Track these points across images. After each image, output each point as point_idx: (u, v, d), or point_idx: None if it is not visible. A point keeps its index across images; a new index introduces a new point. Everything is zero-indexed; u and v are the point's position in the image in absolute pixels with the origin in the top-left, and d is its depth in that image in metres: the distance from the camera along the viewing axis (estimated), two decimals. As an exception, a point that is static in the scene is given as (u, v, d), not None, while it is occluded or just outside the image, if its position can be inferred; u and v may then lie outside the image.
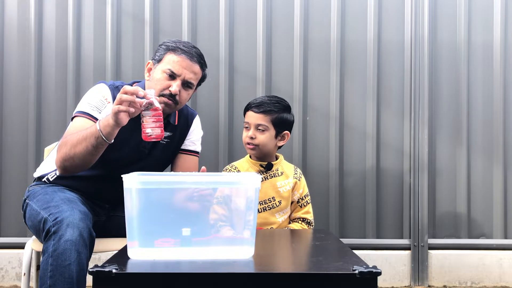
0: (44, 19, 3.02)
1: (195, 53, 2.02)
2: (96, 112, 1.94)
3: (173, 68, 1.97)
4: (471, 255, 3.06)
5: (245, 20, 3.06)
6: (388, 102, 3.09)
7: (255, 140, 2.15)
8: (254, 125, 2.16)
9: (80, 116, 1.94)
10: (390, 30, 3.09)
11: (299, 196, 2.25)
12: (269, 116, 2.15)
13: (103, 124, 1.75)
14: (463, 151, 3.10)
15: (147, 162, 2.04)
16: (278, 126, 2.18)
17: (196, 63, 2.01)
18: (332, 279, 1.19)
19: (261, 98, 2.22)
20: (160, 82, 1.97)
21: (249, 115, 2.18)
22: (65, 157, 1.83)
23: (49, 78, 3.01)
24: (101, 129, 1.74)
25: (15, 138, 2.99)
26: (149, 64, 2.07)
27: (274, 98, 2.22)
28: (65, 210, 1.69)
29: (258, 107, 2.16)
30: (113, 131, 1.75)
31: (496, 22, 3.11)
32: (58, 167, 1.88)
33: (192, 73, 2.01)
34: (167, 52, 2.00)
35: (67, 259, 1.58)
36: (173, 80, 1.97)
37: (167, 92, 1.96)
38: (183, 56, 1.98)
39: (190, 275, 1.20)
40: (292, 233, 2.03)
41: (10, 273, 2.95)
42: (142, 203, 1.32)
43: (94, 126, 1.77)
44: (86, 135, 1.78)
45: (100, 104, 1.96)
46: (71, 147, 1.80)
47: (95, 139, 1.76)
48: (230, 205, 1.37)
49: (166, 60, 1.99)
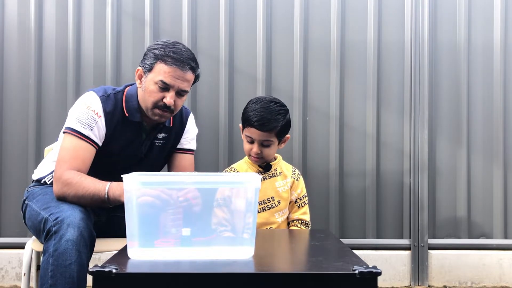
0: (44, 19, 3.02)
1: (186, 58, 1.92)
2: (88, 130, 1.89)
3: (165, 80, 1.90)
4: (471, 255, 3.06)
5: (245, 20, 3.06)
6: (388, 102, 3.09)
7: (261, 153, 2.14)
8: (259, 141, 2.12)
9: (71, 134, 1.90)
10: (390, 30, 3.09)
11: (297, 196, 2.25)
12: (274, 131, 2.11)
13: (114, 197, 1.77)
14: (463, 151, 3.10)
15: (143, 165, 2.02)
16: (281, 135, 2.16)
17: (188, 70, 1.92)
18: (332, 279, 1.18)
19: (260, 113, 2.08)
20: (153, 94, 1.92)
21: (252, 131, 2.11)
22: (66, 197, 1.82)
23: (49, 78, 3.01)
24: (110, 199, 1.77)
25: (15, 138, 2.99)
26: (139, 71, 1.98)
27: (274, 108, 2.12)
28: (66, 210, 1.69)
29: (261, 126, 2.08)
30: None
31: (496, 22, 3.11)
32: (56, 196, 1.86)
33: (185, 82, 1.94)
34: (156, 61, 1.91)
35: (68, 258, 1.58)
36: (166, 92, 1.91)
37: (161, 103, 1.92)
38: (174, 66, 1.89)
39: (190, 275, 1.20)
40: (292, 233, 2.03)
41: (10, 273, 2.95)
42: (142, 203, 1.32)
43: (104, 190, 1.77)
44: (93, 194, 1.78)
45: (91, 120, 1.90)
46: (74, 197, 1.80)
47: (101, 202, 1.79)
48: (230, 206, 1.37)
49: (157, 70, 1.90)
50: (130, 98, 2.00)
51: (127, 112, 1.98)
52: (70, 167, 1.84)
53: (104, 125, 1.93)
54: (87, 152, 1.90)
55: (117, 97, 1.99)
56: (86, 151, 1.89)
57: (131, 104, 1.99)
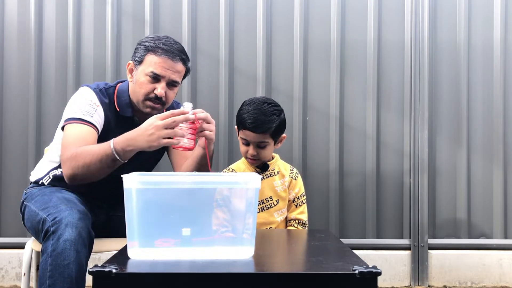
0: (44, 19, 3.02)
1: (176, 50, 1.94)
2: (89, 116, 1.90)
3: (156, 70, 1.91)
4: (471, 255, 3.06)
5: (245, 20, 3.06)
6: (388, 102, 3.09)
7: (257, 155, 2.14)
8: (254, 143, 2.12)
9: (73, 123, 1.89)
10: (390, 30, 3.09)
11: (295, 196, 2.24)
12: (268, 132, 2.11)
13: (121, 147, 1.74)
14: (463, 151, 3.10)
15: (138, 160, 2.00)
16: (277, 135, 2.16)
17: (178, 61, 1.94)
18: (332, 279, 1.18)
19: (253, 115, 2.08)
20: (144, 85, 1.93)
21: (247, 133, 2.11)
22: (76, 172, 1.79)
23: (49, 78, 3.01)
24: (119, 152, 1.74)
25: (15, 138, 2.99)
26: (130, 65, 2.00)
27: (268, 109, 2.11)
28: (64, 210, 1.69)
29: (256, 128, 2.07)
30: (133, 153, 1.76)
31: (496, 22, 3.11)
32: (67, 179, 1.84)
33: (176, 73, 1.95)
34: (147, 53, 1.92)
35: (66, 258, 1.58)
36: (157, 83, 1.92)
37: (152, 95, 1.93)
38: (164, 56, 1.91)
39: (190, 275, 1.20)
40: (292, 233, 2.03)
41: (10, 273, 2.95)
42: (142, 203, 1.32)
43: (109, 149, 1.74)
44: (101, 156, 1.75)
45: (90, 108, 1.91)
46: (84, 166, 1.77)
47: (112, 161, 1.76)
48: (230, 206, 1.37)
49: (147, 61, 1.92)
50: (121, 94, 2.01)
51: (118, 107, 1.99)
52: (74, 148, 1.82)
53: (103, 114, 1.94)
54: (90, 135, 1.88)
55: (109, 92, 2.01)
56: (89, 134, 1.88)
57: (123, 100, 2.00)
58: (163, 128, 1.70)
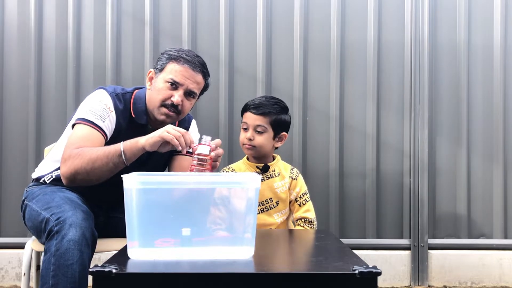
0: (44, 19, 3.02)
1: (198, 62, 1.98)
2: (100, 121, 1.90)
3: (176, 78, 1.94)
4: (471, 255, 3.06)
5: (245, 20, 3.06)
6: (388, 102, 3.09)
7: (253, 141, 2.15)
8: (253, 126, 2.15)
9: (83, 124, 1.89)
10: (390, 30, 3.09)
11: (296, 195, 2.24)
12: (268, 118, 2.15)
13: (129, 147, 1.76)
14: (463, 151, 3.10)
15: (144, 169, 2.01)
16: (276, 128, 2.18)
17: (198, 72, 1.97)
18: (332, 279, 1.19)
19: (259, 99, 2.21)
20: (162, 91, 1.94)
21: (248, 116, 2.17)
22: (78, 170, 1.78)
23: (49, 78, 3.01)
24: (125, 151, 1.75)
25: (15, 138, 2.99)
26: (151, 73, 2.03)
27: (273, 100, 2.22)
28: (68, 209, 1.69)
29: (256, 109, 2.16)
30: (138, 155, 1.78)
31: (496, 22, 3.11)
32: (66, 178, 1.82)
33: (195, 83, 1.97)
34: (169, 61, 1.96)
35: (70, 258, 1.58)
36: (175, 90, 1.94)
37: (169, 102, 1.94)
38: (186, 66, 1.95)
39: (190, 275, 1.20)
40: (291, 233, 2.03)
41: (10, 273, 2.95)
42: (142, 203, 1.32)
43: (117, 146, 1.76)
44: (109, 152, 1.76)
45: (104, 112, 1.92)
46: (89, 161, 1.76)
47: (117, 157, 1.76)
48: (229, 206, 1.37)
49: (168, 69, 1.95)
50: (138, 100, 2.02)
51: (134, 113, 2.00)
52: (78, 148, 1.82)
53: (114, 121, 1.94)
54: (97, 140, 1.88)
55: (125, 98, 2.01)
56: (97, 139, 1.88)
57: (139, 106, 2.00)
58: (172, 129, 1.73)
